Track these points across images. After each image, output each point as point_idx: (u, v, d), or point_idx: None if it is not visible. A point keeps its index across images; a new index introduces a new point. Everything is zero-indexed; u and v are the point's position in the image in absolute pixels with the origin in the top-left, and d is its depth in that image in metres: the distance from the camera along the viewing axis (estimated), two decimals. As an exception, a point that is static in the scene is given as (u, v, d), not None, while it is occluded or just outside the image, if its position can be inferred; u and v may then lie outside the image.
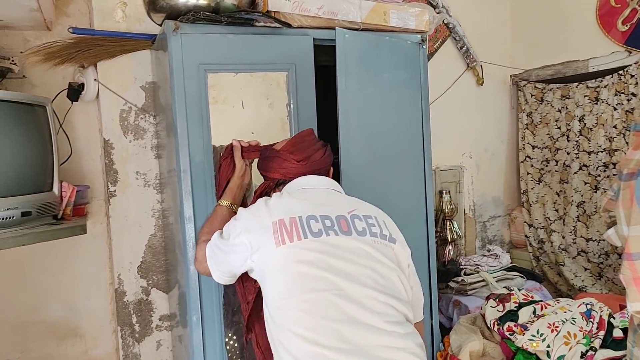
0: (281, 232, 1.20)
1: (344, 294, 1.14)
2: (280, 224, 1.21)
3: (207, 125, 1.78)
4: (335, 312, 1.12)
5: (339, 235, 1.22)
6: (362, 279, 1.17)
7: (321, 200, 1.32)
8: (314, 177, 1.40)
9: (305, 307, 1.13)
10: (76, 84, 2.06)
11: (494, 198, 3.31)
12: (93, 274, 2.22)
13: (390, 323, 1.15)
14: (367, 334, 1.12)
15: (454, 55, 3.08)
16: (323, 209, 1.26)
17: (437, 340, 2.21)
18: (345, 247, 1.21)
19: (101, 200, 2.20)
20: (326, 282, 1.15)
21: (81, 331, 2.21)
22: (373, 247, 1.23)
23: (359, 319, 1.13)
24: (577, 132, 2.89)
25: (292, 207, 1.26)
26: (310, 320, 1.12)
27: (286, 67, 1.89)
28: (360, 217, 1.28)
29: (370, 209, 1.35)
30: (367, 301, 1.15)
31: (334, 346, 1.09)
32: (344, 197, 1.39)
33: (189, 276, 1.75)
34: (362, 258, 1.21)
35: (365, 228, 1.26)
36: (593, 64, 2.83)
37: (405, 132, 2.16)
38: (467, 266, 2.73)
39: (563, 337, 1.88)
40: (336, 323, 1.11)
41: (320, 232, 1.21)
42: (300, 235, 1.20)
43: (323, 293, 1.14)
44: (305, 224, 1.22)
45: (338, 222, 1.24)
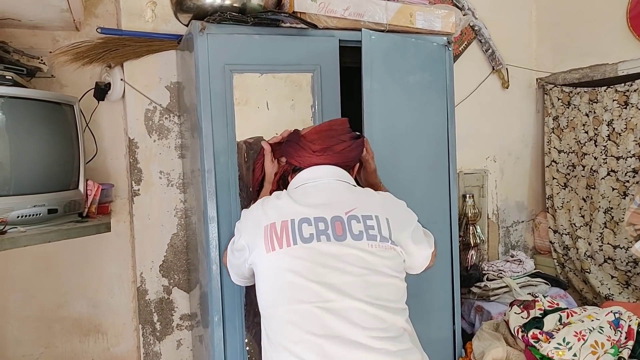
0: (271, 238, 1.17)
1: (329, 307, 1.10)
2: (272, 228, 1.18)
3: (232, 125, 1.78)
4: (320, 326, 1.09)
5: (332, 241, 1.16)
6: (351, 291, 1.12)
7: (320, 197, 1.25)
8: (318, 168, 1.32)
9: (291, 318, 1.11)
10: (103, 83, 2.09)
11: (518, 203, 3.26)
12: (116, 271, 2.24)
13: (379, 339, 1.10)
14: (352, 350, 1.08)
15: (479, 58, 3.04)
16: (319, 210, 1.20)
17: (459, 346, 2.18)
18: (337, 254, 1.15)
19: (125, 199, 2.23)
20: (312, 293, 1.11)
21: (103, 328, 2.24)
22: (369, 253, 1.17)
23: (343, 334, 1.09)
24: (605, 136, 2.82)
25: (286, 208, 1.22)
26: (294, 332, 1.10)
27: (311, 68, 1.88)
28: (359, 218, 1.20)
29: (373, 205, 1.25)
30: (355, 314, 1.10)
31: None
32: (347, 190, 1.29)
33: (211, 276, 1.75)
34: (355, 266, 1.15)
35: (362, 231, 1.18)
36: (622, 68, 2.76)
37: (430, 134, 2.13)
38: (490, 271, 2.68)
39: (590, 347, 1.83)
40: (320, 338, 1.08)
41: (311, 238, 1.16)
42: (290, 241, 1.15)
43: (308, 305, 1.11)
44: (297, 228, 1.17)
45: (333, 224, 1.18)
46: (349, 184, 1.32)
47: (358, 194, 1.29)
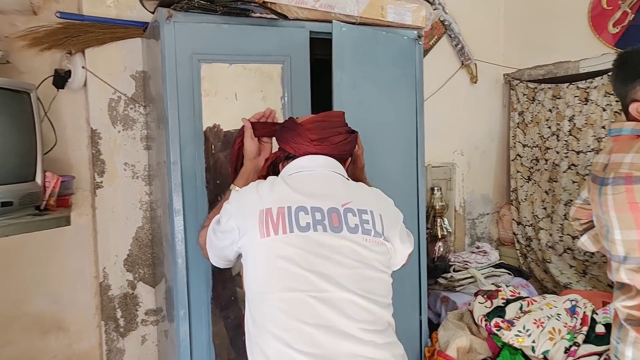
0: (267, 223, 1.14)
1: (322, 297, 1.10)
2: (267, 213, 1.15)
3: (199, 116, 1.74)
4: (311, 315, 1.09)
5: (328, 232, 1.15)
6: (344, 282, 1.12)
7: (316, 187, 1.23)
8: (314, 158, 1.30)
9: (282, 306, 1.11)
10: (63, 70, 2.00)
11: (484, 196, 3.33)
12: (78, 266, 2.17)
13: (368, 331, 1.11)
14: (342, 341, 1.08)
15: (449, 53, 3.07)
16: (315, 199, 1.19)
17: (425, 335, 2.22)
18: (333, 245, 1.15)
19: (87, 191, 2.15)
20: (306, 282, 1.11)
21: (65, 325, 2.17)
22: (363, 247, 1.17)
23: (335, 324, 1.09)
24: (567, 131, 2.91)
25: (283, 195, 1.19)
26: (285, 320, 1.10)
27: (281, 59, 1.86)
28: (355, 212, 1.20)
29: (367, 200, 1.26)
30: (347, 306, 1.11)
31: (305, 351, 1.06)
32: (342, 182, 1.29)
33: (177, 270, 1.72)
34: (349, 259, 1.15)
35: (357, 225, 1.18)
36: (584, 65, 2.84)
37: (399, 128, 2.14)
38: (456, 263, 2.74)
39: (548, 333, 1.90)
40: (311, 327, 1.08)
41: (308, 227, 1.14)
42: (286, 228, 1.14)
43: (301, 294, 1.10)
44: (294, 215, 1.15)
45: (329, 215, 1.17)
46: (343, 177, 1.31)
47: (353, 188, 1.28)
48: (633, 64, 1.29)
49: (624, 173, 1.22)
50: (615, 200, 1.24)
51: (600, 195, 1.30)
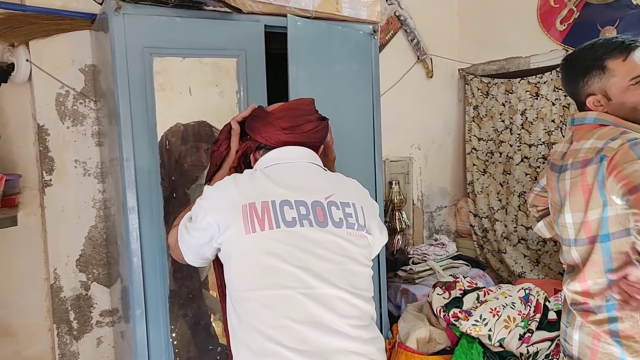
0: (251, 218, 1.11)
1: (311, 294, 1.09)
2: (251, 208, 1.12)
3: (152, 111, 1.70)
4: (300, 312, 1.08)
5: (314, 227, 1.14)
6: (332, 278, 1.12)
7: (297, 179, 1.20)
8: (291, 149, 1.26)
9: (269, 303, 1.09)
10: (5, 64, 1.90)
11: (441, 189, 3.40)
12: (26, 268, 2.07)
13: (356, 327, 1.12)
14: (330, 337, 1.08)
15: (405, 48, 3.11)
16: (298, 193, 1.17)
17: (385, 328, 2.24)
18: (319, 240, 1.13)
19: (35, 190, 2.06)
20: (294, 279, 1.09)
21: (13, 330, 2.07)
22: (348, 241, 1.16)
23: (323, 321, 1.09)
24: (519, 125, 3.00)
25: (265, 188, 1.16)
26: (273, 317, 1.08)
27: (236, 53, 1.83)
28: (338, 205, 1.18)
29: (348, 192, 1.24)
30: (335, 303, 1.11)
31: (294, 347, 1.06)
32: (322, 174, 1.26)
33: (132, 269, 1.68)
34: (335, 254, 1.14)
35: (342, 218, 1.17)
36: (534, 61, 2.94)
37: (356, 123, 2.15)
38: (415, 255, 2.79)
39: (503, 321, 1.96)
40: (299, 324, 1.07)
41: (294, 222, 1.12)
42: (272, 223, 1.11)
43: (289, 291, 1.09)
44: (279, 210, 1.12)
45: (314, 209, 1.15)
46: (321, 167, 1.28)
47: (333, 179, 1.26)
48: (580, 61, 1.35)
49: (581, 157, 1.27)
50: (572, 184, 1.29)
51: (558, 182, 1.36)
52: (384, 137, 2.25)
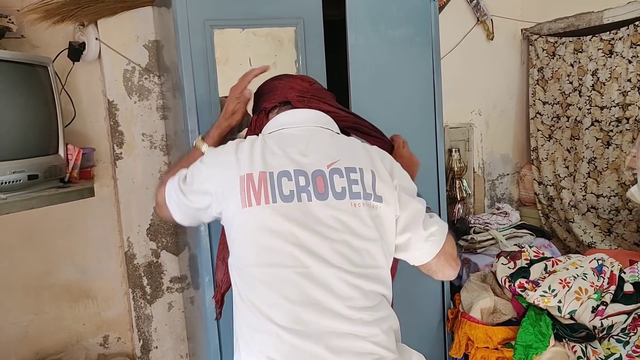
0: (248, 191, 1.06)
1: (308, 273, 1.04)
2: (248, 180, 1.07)
3: (214, 84, 1.73)
4: (296, 292, 1.04)
5: (312, 201, 1.07)
6: (330, 258, 1.05)
7: (300, 146, 1.13)
8: (299, 112, 1.21)
9: (266, 280, 1.06)
10: (77, 43, 1.99)
11: (503, 156, 3.28)
12: (102, 237, 2.21)
13: (356, 309, 1.05)
14: (326, 319, 1.04)
15: (464, 9, 2.97)
16: (299, 161, 1.10)
17: (447, 298, 2.22)
18: (318, 216, 1.07)
19: (107, 162, 2.17)
20: (291, 258, 1.05)
21: (93, 293, 2.23)
22: (351, 214, 1.08)
23: (320, 302, 1.04)
24: (590, 86, 2.82)
25: (264, 158, 1.10)
26: (269, 295, 1.05)
27: (294, 22, 1.82)
28: (342, 172, 1.10)
29: (356, 156, 1.14)
30: (333, 283, 1.05)
31: (289, 327, 1.03)
32: (329, 138, 1.18)
33: (199, 238, 1.74)
34: (336, 230, 1.07)
35: (345, 188, 1.09)
36: (608, 16, 2.73)
37: (416, 88, 2.10)
38: (477, 224, 2.72)
39: (574, 293, 1.89)
40: (294, 304, 1.04)
41: (292, 196, 1.06)
42: (268, 197, 1.06)
43: (286, 270, 1.05)
44: (276, 183, 1.07)
45: (314, 180, 1.08)
46: (331, 131, 1.21)
47: (340, 143, 1.18)
48: None
49: None
50: None
51: None
52: (444, 103, 2.17)
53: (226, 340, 1.79)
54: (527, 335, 1.82)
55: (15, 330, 2.08)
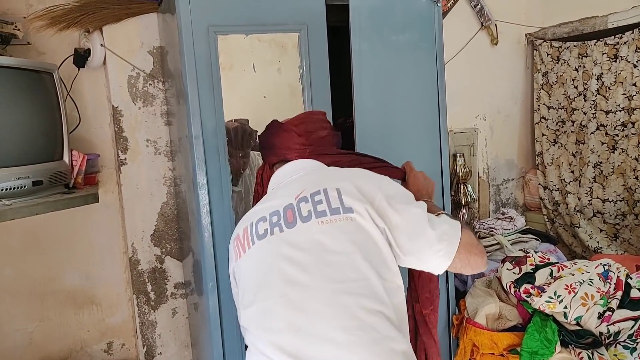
0: (237, 246, 1.19)
1: (287, 302, 1.04)
2: (237, 238, 1.21)
3: (218, 90, 1.73)
4: (279, 322, 1.04)
5: (284, 231, 1.11)
6: (308, 279, 1.04)
7: (277, 193, 1.23)
8: (290, 165, 1.29)
9: (253, 318, 1.10)
10: (82, 49, 2.01)
11: (508, 161, 3.27)
12: (107, 243, 2.22)
13: (341, 329, 1.00)
14: (312, 345, 1.00)
15: (468, 14, 2.97)
16: (273, 204, 1.17)
17: (452, 303, 2.21)
18: (290, 243, 1.09)
19: (112, 168, 2.18)
20: (270, 289, 1.07)
21: (97, 299, 2.23)
22: (320, 232, 1.07)
23: (303, 328, 1.02)
24: (595, 91, 2.81)
25: (251, 214, 1.22)
26: (257, 331, 1.08)
27: (297, 28, 1.82)
28: (307, 198, 1.13)
29: (320, 181, 1.16)
30: (314, 305, 1.03)
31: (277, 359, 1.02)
32: (301, 176, 1.24)
33: (203, 244, 1.74)
34: (308, 252, 1.07)
35: (310, 210, 1.10)
36: (612, 20, 2.72)
37: (419, 93, 2.09)
38: (482, 229, 2.71)
39: (580, 299, 1.87)
40: (279, 334, 1.03)
41: (265, 233, 1.13)
42: (249, 242, 1.16)
43: (266, 303, 1.07)
44: (254, 228, 1.16)
45: (285, 214, 1.13)
46: (307, 171, 1.27)
47: (310, 175, 1.24)
48: None
49: None
50: None
51: None
52: (448, 109, 2.17)
53: (230, 347, 1.79)
54: (532, 341, 1.81)
55: (19, 337, 2.08)
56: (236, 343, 1.80)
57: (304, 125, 1.32)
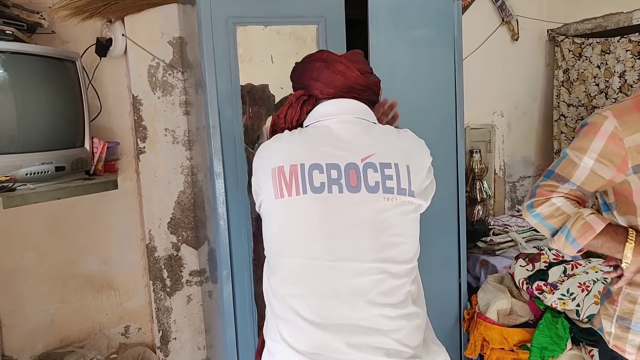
0: (280, 183, 1.08)
1: (334, 267, 1.06)
2: (280, 172, 1.09)
3: (236, 80, 1.76)
4: (320, 284, 1.07)
5: (344, 193, 1.06)
6: (358, 252, 1.06)
7: (335, 138, 1.12)
8: (338, 102, 1.18)
9: (292, 271, 1.09)
10: (104, 39, 2.05)
11: (524, 158, 3.23)
12: (125, 229, 2.27)
13: (379, 305, 1.07)
14: (348, 313, 1.06)
15: (489, 9, 2.94)
16: (332, 154, 1.09)
17: (464, 298, 2.21)
18: (349, 208, 1.07)
19: (131, 156, 2.23)
20: (318, 250, 1.07)
21: (115, 284, 2.28)
22: (383, 209, 1.07)
23: (343, 296, 1.06)
24: (617, 88, 2.76)
25: (299, 150, 1.11)
26: (294, 286, 1.08)
27: (316, 20, 1.83)
28: (376, 166, 1.08)
29: (392, 151, 1.12)
30: (359, 277, 1.06)
31: (310, 319, 1.05)
32: (364, 131, 1.15)
33: (219, 232, 1.77)
34: (365, 224, 1.07)
35: (378, 182, 1.07)
36: (637, 16, 2.67)
37: (436, 89, 2.09)
38: (496, 226, 2.70)
39: (593, 297, 1.86)
40: (317, 296, 1.06)
41: (322, 187, 1.06)
42: (299, 189, 1.07)
43: (312, 262, 1.07)
44: (307, 174, 1.07)
45: (347, 173, 1.07)
46: (368, 122, 1.18)
47: (377, 136, 1.15)
48: None
49: None
50: None
51: None
52: (465, 104, 2.16)
53: (243, 333, 1.83)
54: (543, 337, 1.81)
55: (42, 318, 2.15)
56: (249, 330, 1.83)
57: (361, 65, 1.22)
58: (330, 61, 1.21)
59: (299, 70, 1.26)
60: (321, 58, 1.24)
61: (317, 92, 1.20)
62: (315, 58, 1.25)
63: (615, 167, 1.11)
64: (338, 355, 1.05)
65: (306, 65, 1.25)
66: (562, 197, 1.18)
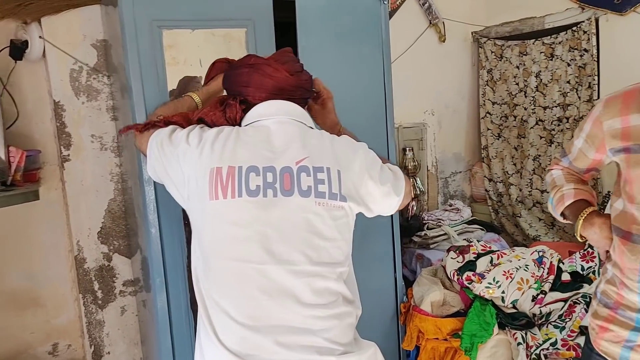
0: (216, 184, 1.08)
1: (265, 270, 1.07)
2: (217, 173, 1.08)
3: (163, 85, 1.72)
4: (252, 287, 1.08)
5: (278, 197, 1.08)
6: (289, 255, 1.08)
7: (272, 140, 1.14)
8: (275, 103, 1.19)
9: (224, 273, 1.09)
10: (19, 41, 1.93)
11: (455, 154, 3.38)
12: (51, 241, 2.15)
13: (309, 306, 1.09)
14: (278, 314, 1.08)
15: (416, 12, 3.05)
16: (268, 157, 1.11)
17: (400, 292, 2.28)
18: (282, 211, 1.08)
19: (55, 165, 2.12)
20: (251, 252, 1.08)
21: (42, 300, 2.16)
22: (314, 213, 1.10)
23: (274, 297, 1.08)
24: (534, 87, 2.95)
25: (235, 152, 1.11)
26: (226, 289, 1.09)
27: (245, 23, 1.83)
28: (309, 170, 1.11)
29: (325, 155, 1.15)
30: (289, 280, 1.08)
31: (241, 320, 1.07)
32: (301, 134, 1.17)
33: (150, 240, 1.73)
34: (297, 227, 1.09)
35: (310, 186, 1.10)
36: (549, 21, 2.87)
37: (366, 90, 2.14)
38: (430, 221, 2.80)
39: (517, 283, 1.98)
40: (249, 299, 1.07)
41: (258, 191, 1.08)
42: (235, 191, 1.07)
43: (244, 265, 1.08)
44: (244, 177, 1.08)
45: (282, 176, 1.09)
46: (304, 125, 1.21)
47: (313, 140, 1.17)
48: None
49: None
50: None
51: None
52: (397, 104, 2.24)
53: (179, 342, 1.79)
54: (472, 325, 1.90)
55: (-42, 341, 2.00)
56: (185, 339, 1.80)
57: (290, 65, 1.24)
58: (257, 65, 1.24)
59: (230, 79, 1.29)
60: (248, 63, 1.26)
61: (250, 97, 1.22)
62: (242, 64, 1.28)
63: (596, 148, 1.19)
64: (271, 355, 1.06)
65: (235, 72, 1.28)
66: (559, 169, 1.34)
